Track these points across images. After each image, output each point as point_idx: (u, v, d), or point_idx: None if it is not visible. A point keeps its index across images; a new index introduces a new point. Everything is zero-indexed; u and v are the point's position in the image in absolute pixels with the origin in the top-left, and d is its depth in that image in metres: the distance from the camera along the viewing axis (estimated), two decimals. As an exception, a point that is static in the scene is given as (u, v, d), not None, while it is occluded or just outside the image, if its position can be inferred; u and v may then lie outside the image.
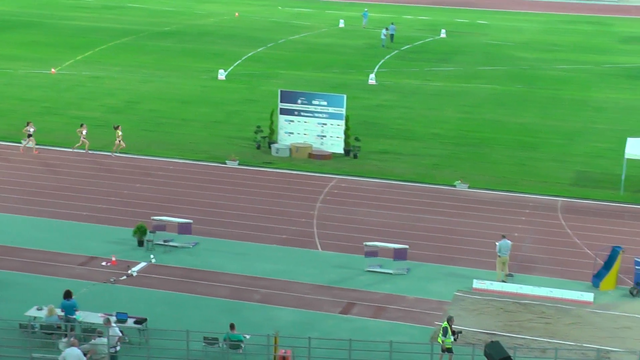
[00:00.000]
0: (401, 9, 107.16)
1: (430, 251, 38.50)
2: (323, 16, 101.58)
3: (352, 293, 34.57)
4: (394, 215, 42.52)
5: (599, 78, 72.95)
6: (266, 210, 42.72)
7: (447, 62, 77.48)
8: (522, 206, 44.16)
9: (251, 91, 66.13)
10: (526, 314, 33.08)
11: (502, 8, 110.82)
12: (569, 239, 40.29)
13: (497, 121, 59.44)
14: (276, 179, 47.19)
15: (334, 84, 67.24)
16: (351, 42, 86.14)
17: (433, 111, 61.63)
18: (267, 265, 36.70)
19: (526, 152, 52.79)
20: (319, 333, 31.18)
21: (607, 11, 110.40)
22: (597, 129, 58.03)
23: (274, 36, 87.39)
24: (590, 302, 33.98)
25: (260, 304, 33.48)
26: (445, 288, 35.05)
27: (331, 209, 43.13)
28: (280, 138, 51.92)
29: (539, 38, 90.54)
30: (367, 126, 56.54)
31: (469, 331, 31.65)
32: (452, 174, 48.17)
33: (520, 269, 36.71)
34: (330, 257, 37.77)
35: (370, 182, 47.18)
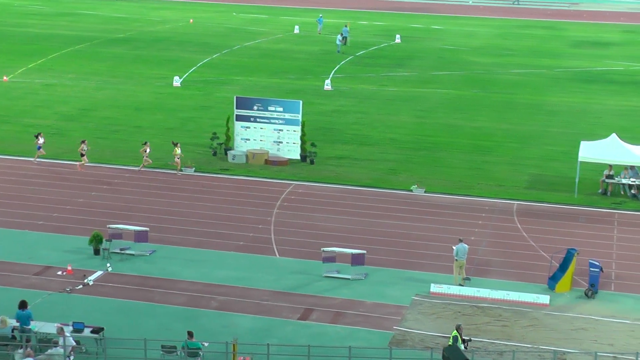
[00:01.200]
0: (356, 14, 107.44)
1: (388, 256, 38.58)
2: (278, 22, 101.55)
3: (310, 299, 34.54)
4: (351, 220, 42.56)
5: (552, 82, 73.64)
6: (223, 217, 42.58)
7: (402, 67, 77.79)
8: (478, 210, 44.42)
9: (206, 98, 65.91)
10: (483, 317, 33.26)
11: (456, 13, 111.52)
12: (525, 242, 40.59)
13: (452, 125, 59.77)
14: (233, 186, 47.05)
15: (290, 90, 67.21)
16: (307, 47, 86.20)
17: (389, 116, 61.83)
18: (225, 272, 36.56)
19: (481, 156, 53.12)
20: (278, 339, 31.11)
21: (559, 16, 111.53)
22: (551, 133, 58.55)
23: (229, 42, 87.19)
24: (546, 304, 34.26)
25: (218, 311, 33.34)
26: (403, 292, 35.14)
27: (288, 215, 43.07)
28: (237, 144, 51.79)
29: (493, 43, 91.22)
30: (324, 132, 56.58)
31: (426, 335, 31.76)
32: (409, 179, 48.34)
33: (477, 273, 36.91)
34: (288, 263, 37.72)
35: (327, 187, 47.20)
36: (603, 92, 70.16)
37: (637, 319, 33.33)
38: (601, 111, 64.35)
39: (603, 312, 33.85)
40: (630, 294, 35.56)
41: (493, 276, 36.93)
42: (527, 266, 37.93)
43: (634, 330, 32.55)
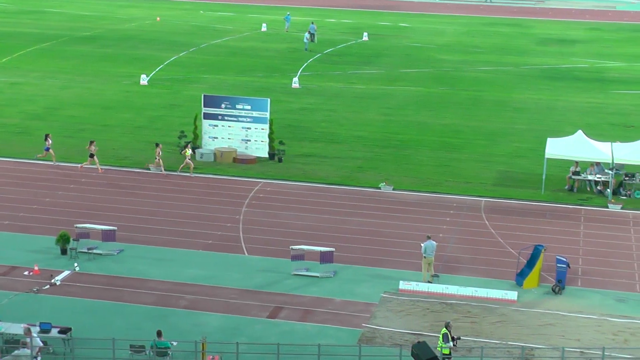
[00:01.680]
0: (324, 12, 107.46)
1: (357, 253, 38.63)
2: (245, 20, 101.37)
3: (279, 297, 34.52)
4: (319, 218, 42.58)
5: (519, 79, 74.07)
6: (191, 215, 42.44)
7: (370, 65, 77.91)
8: (446, 207, 44.59)
9: (174, 96, 65.65)
10: (452, 314, 33.38)
11: (423, 11, 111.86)
12: (493, 239, 40.79)
13: (420, 123, 59.94)
14: (201, 184, 46.91)
15: (258, 88, 67.10)
16: (274, 45, 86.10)
17: (356, 114, 61.90)
18: (193, 271, 36.45)
19: (449, 153, 53.32)
20: (247, 338, 31.07)
21: (526, 14, 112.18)
22: (518, 130, 58.89)
23: (196, 40, 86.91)
24: (514, 300, 34.45)
25: (187, 310, 33.23)
26: (372, 290, 35.19)
27: (257, 213, 43.01)
28: (205, 143, 51.64)
29: (460, 40, 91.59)
30: (291, 130, 56.56)
31: (395, 332, 31.85)
32: (377, 176, 48.43)
33: (445, 270, 37.05)
34: (256, 262, 37.67)
35: (295, 185, 47.19)
36: (569, 89, 70.66)
37: (603, 314, 33.61)
38: (567, 108, 64.81)
39: (570, 308, 34.10)
40: (596, 290, 35.84)
41: (461, 273, 37.08)
42: (495, 263, 38.12)
43: (600, 325, 32.82)
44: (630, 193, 46.46)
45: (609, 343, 31.27)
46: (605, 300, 34.88)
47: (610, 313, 33.76)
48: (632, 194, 46.40)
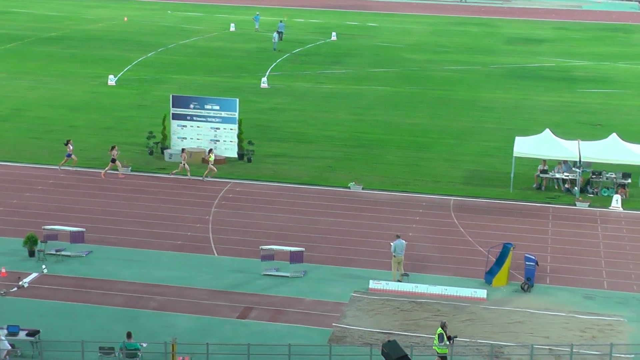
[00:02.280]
0: (292, 12, 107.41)
1: (327, 253, 38.66)
2: (213, 20, 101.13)
3: (250, 297, 34.47)
4: (289, 218, 42.57)
5: (486, 78, 74.43)
6: (160, 216, 42.29)
7: (338, 65, 77.98)
8: (415, 206, 44.71)
9: (142, 96, 65.38)
10: (422, 313, 33.50)
11: (392, 10, 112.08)
12: (462, 237, 40.96)
13: (389, 122, 60.08)
14: (170, 185, 46.75)
15: (226, 88, 66.96)
16: (242, 45, 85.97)
17: (325, 113, 61.94)
18: (163, 272, 36.32)
19: (418, 153, 53.48)
20: (217, 339, 31.00)
21: (493, 13, 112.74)
22: (486, 129, 59.17)
23: (164, 41, 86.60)
24: (483, 298, 34.62)
25: (157, 312, 33.11)
26: (342, 289, 35.23)
27: (226, 214, 42.93)
28: (173, 143, 51.47)
29: (428, 40, 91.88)
30: (261, 130, 56.49)
31: (366, 331, 31.91)
32: (346, 176, 48.48)
33: (415, 268, 37.15)
34: (226, 262, 37.60)
35: (265, 185, 47.14)
36: (536, 88, 71.09)
37: (571, 311, 33.85)
38: (534, 107, 65.20)
39: (539, 305, 34.31)
40: (564, 287, 36.09)
41: (431, 272, 37.20)
42: (464, 261, 38.29)
43: (568, 322, 33.05)
44: (597, 191, 46.82)
45: (577, 340, 31.50)
46: (573, 298, 35.12)
47: (578, 310, 34.01)
48: (599, 191, 46.76)
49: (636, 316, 33.65)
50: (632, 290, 35.98)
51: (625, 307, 34.41)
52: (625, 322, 33.15)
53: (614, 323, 33.06)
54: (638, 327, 32.78)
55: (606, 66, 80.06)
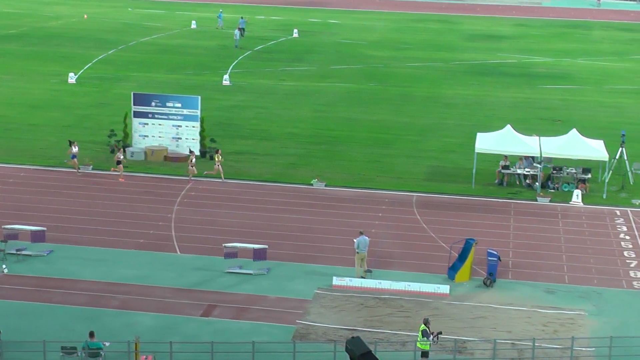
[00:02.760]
0: (253, 9, 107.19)
1: (290, 250, 38.64)
2: (174, 17, 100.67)
3: (213, 295, 34.37)
4: (252, 215, 42.50)
5: (448, 75, 74.73)
6: (123, 214, 42.04)
7: (300, 62, 77.95)
8: (378, 202, 44.81)
9: (103, 94, 64.94)
10: (386, 309, 33.59)
11: (353, 7, 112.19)
12: (425, 233, 41.11)
13: (351, 119, 60.15)
14: (132, 183, 46.48)
15: (188, 86, 66.70)
16: (204, 43, 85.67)
17: (288, 111, 61.89)
18: (126, 271, 36.11)
19: (381, 149, 53.59)
20: (181, 337, 30.87)
21: (454, 10, 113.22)
22: (448, 125, 59.43)
23: (124, 38, 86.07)
24: (446, 294, 34.77)
25: (119, 310, 32.92)
26: (306, 286, 35.24)
27: (189, 212, 42.77)
28: (135, 141, 51.18)
29: (389, 37, 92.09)
30: (223, 127, 56.33)
31: (329, 328, 31.94)
32: (309, 173, 48.47)
33: (378, 265, 37.22)
34: (189, 260, 37.46)
35: (228, 183, 47.00)
36: (497, 84, 71.51)
37: (533, 306, 34.10)
38: (496, 103, 65.58)
39: (501, 300, 34.53)
40: (527, 282, 36.34)
41: (394, 268, 37.30)
42: (427, 257, 38.43)
43: (531, 316, 33.29)
44: (558, 186, 47.19)
45: (539, 334, 31.74)
46: (535, 292, 35.39)
47: (540, 304, 34.27)
48: (560, 187, 47.14)
49: (597, 310, 33.98)
50: (593, 284, 36.32)
51: (586, 301, 34.73)
52: (586, 316, 33.47)
53: (575, 317, 33.36)
54: (599, 320, 33.11)
55: (566, 62, 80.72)
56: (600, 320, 33.18)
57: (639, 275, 37.25)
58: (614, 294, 35.47)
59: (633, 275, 37.34)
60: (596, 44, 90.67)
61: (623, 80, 73.94)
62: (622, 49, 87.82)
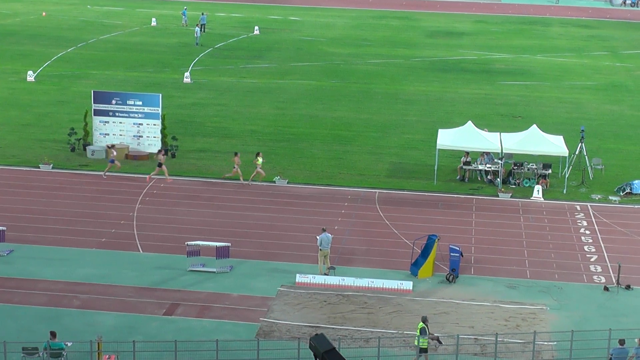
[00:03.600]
0: (214, 6, 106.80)
1: (253, 248, 38.58)
2: (134, 15, 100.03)
3: (176, 294, 34.24)
4: (214, 213, 42.38)
5: (408, 71, 74.95)
6: (84, 213, 41.73)
7: (261, 59, 77.81)
8: (340, 199, 44.86)
9: (62, 92, 64.39)
10: (349, 305, 33.64)
11: (313, 4, 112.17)
12: (387, 230, 41.22)
13: (312, 116, 60.16)
14: (93, 182, 46.16)
15: (149, 84, 66.36)
16: (164, 40, 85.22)
17: (249, 108, 61.77)
18: (87, 270, 35.86)
19: (342, 146, 53.65)
20: (143, 336, 30.72)
21: (414, 6, 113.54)
22: (409, 121, 59.61)
23: (84, 36, 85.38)
24: (409, 290, 34.90)
25: (81, 310, 32.70)
26: (269, 284, 35.21)
27: (151, 210, 42.56)
28: (96, 140, 50.82)
29: (349, 33, 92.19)
30: (184, 125, 56.11)
31: (293, 325, 31.93)
32: (271, 170, 48.40)
33: (341, 261, 37.28)
34: (151, 259, 37.28)
35: (189, 181, 46.84)
36: (458, 80, 71.85)
37: (496, 301, 34.32)
38: (456, 99, 65.90)
39: (464, 296, 34.73)
40: (489, 277, 36.56)
41: (357, 264, 37.37)
42: (390, 253, 38.54)
43: (493, 312, 33.51)
44: (519, 182, 47.52)
45: (502, 329, 31.96)
46: (497, 287, 35.62)
47: (502, 299, 34.51)
48: (521, 182, 47.47)
49: (558, 304, 34.28)
50: (554, 279, 36.63)
51: (547, 295, 35.03)
52: (548, 311, 33.76)
53: (536, 311, 33.63)
54: (560, 315, 33.41)
55: (525, 59, 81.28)
56: (561, 314, 33.49)
57: (599, 270, 37.62)
58: (574, 289, 35.80)
59: (593, 269, 37.72)
60: (554, 41, 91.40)
61: (581, 77, 74.62)
62: (580, 46, 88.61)
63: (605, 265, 38.00)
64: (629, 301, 34.84)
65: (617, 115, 62.67)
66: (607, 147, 54.28)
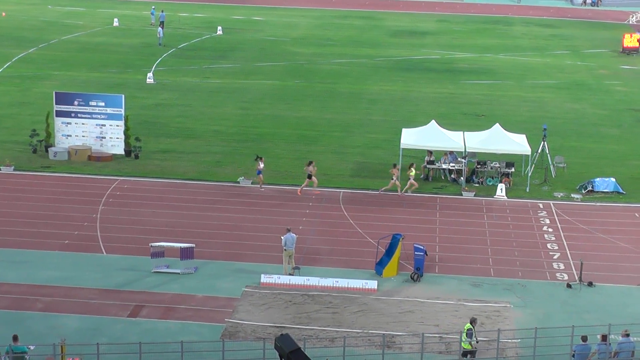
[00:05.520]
0: (177, 6, 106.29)
1: (217, 248, 38.49)
2: (96, 15, 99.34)
3: (140, 295, 34.07)
4: (178, 214, 42.22)
5: (372, 71, 75.10)
6: (46, 215, 41.42)
7: (225, 59, 77.61)
8: (305, 199, 44.86)
9: (24, 94, 63.84)
10: (314, 305, 33.65)
11: (276, 4, 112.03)
12: (352, 229, 41.28)
13: (277, 116, 60.11)
14: (55, 184, 45.84)
15: (111, 84, 65.97)
16: (127, 41, 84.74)
17: (213, 108, 61.60)
18: (50, 273, 35.59)
19: (307, 146, 53.65)
20: (108, 338, 30.56)
21: (377, 6, 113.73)
22: (373, 121, 59.73)
23: (45, 36, 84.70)
24: (374, 289, 34.97)
25: (44, 313, 32.44)
26: (234, 284, 35.15)
27: (114, 211, 42.32)
28: (58, 141, 50.45)
29: (313, 33, 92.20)
30: (148, 126, 55.83)
31: (258, 325, 31.90)
32: (235, 170, 48.34)
33: (306, 261, 37.28)
34: (115, 260, 37.07)
35: (153, 182, 46.64)
36: (421, 80, 72.09)
37: (460, 299, 34.48)
38: (420, 98, 66.12)
39: (428, 294, 34.86)
40: (453, 275, 36.74)
41: (322, 264, 37.40)
42: (355, 253, 38.60)
43: (457, 310, 33.66)
44: (482, 180, 47.77)
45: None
46: (462, 286, 35.80)
47: (467, 298, 34.68)
48: (484, 181, 47.72)
49: (522, 302, 34.52)
50: (518, 276, 36.87)
51: (511, 293, 35.26)
52: (511, 308, 33.97)
53: (500, 309, 33.83)
54: (524, 312, 33.64)
55: (488, 58, 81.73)
56: (525, 311, 33.72)
57: (562, 267, 37.93)
58: (538, 286, 36.07)
59: (556, 267, 38.02)
60: (517, 40, 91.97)
61: (543, 75, 75.15)
62: (542, 45, 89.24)
63: (568, 263, 38.32)
64: (592, 298, 35.16)
65: (579, 113, 63.20)
66: (569, 146, 54.73)
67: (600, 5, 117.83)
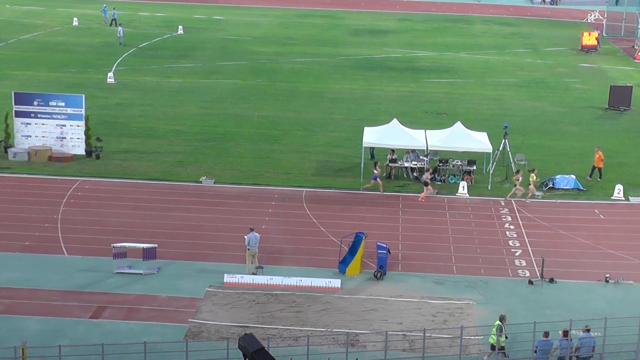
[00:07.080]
0: (137, 5, 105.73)
1: (180, 248, 38.34)
2: (55, 14, 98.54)
3: (102, 296, 33.86)
4: (140, 214, 42.00)
5: (334, 70, 75.14)
6: (6, 217, 41.03)
7: (186, 59, 77.29)
8: (268, 198, 44.81)
9: (-18, 94, 63.16)
10: (277, 305, 33.64)
11: (237, 3, 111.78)
12: (315, 228, 41.30)
13: (238, 115, 59.97)
14: (14, 185, 45.40)
15: (71, 84, 65.45)
16: (87, 40, 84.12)
17: (174, 108, 61.33)
18: (10, 274, 35.26)
19: (269, 145, 53.58)
20: (70, 340, 30.35)
21: (338, 5, 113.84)
22: (335, 119, 59.78)
23: (3, 36, 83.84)
24: (338, 288, 35.02)
25: (5, 315, 32.15)
26: (197, 284, 35.04)
27: (76, 212, 42.01)
28: (17, 142, 49.98)
29: (274, 32, 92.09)
30: (108, 126, 55.47)
31: (222, 325, 31.82)
32: (197, 170, 48.17)
33: (269, 261, 37.25)
34: (77, 261, 36.81)
35: (115, 182, 46.35)
36: (383, 78, 72.25)
37: (423, 297, 34.62)
38: (381, 97, 66.26)
39: (392, 292, 34.96)
40: (416, 273, 36.88)
41: (285, 263, 37.38)
42: (318, 251, 38.62)
43: (420, 307, 33.80)
44: (444, 178, 47.97)
45: (429, 324, 32.28)
46: (425, 283, 35.94)
47: (430, 295, 34.83)
48: (446, 179, 47.93)
49: (484, 299, 34.73)
50: (480, 273, 37.09)
51: (473, 290, 35.46)
52: (474, 305, 34.17)
53: (463, 306, 34.02)
54: (486, 309, 33.85)
55: (449, 56, 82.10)
56: (487, 308, 33.93)
57: (523, 264, 38.20)
58: (500, 283, 36.31)
59: (518, 263, 38.28)
60: (477, 38, 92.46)
61: (503, 74, 75.61)
62: (502, 43, 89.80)
63: (529, 260, 38.61)
64: (553, 294, 35.46)
65: (539, 111, 63.67)
66: (530, 143, 55.11)
67: (559, 4, 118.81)
